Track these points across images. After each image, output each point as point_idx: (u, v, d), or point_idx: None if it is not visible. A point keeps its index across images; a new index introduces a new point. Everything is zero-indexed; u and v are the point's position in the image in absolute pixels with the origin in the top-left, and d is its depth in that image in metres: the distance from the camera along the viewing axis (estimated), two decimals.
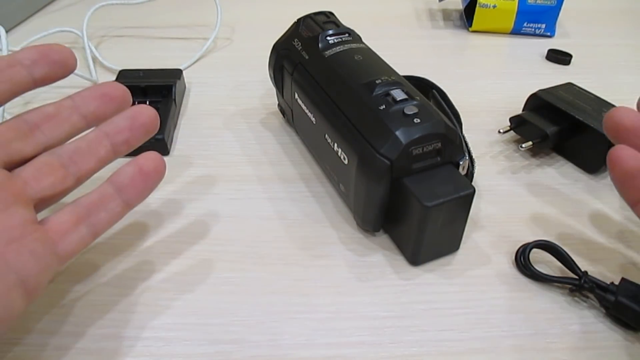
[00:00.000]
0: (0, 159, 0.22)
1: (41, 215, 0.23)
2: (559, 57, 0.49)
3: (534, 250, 0.29)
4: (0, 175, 0.21)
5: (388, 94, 0.28)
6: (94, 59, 0.48)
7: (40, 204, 0.23)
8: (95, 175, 0.25)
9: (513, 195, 0.34)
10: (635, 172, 0.23)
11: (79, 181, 0.24)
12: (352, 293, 0.28)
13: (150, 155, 0.25)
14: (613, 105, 0.36)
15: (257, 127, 0.40)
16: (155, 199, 0.33)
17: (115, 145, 0.25)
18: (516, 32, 0.54)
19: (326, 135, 0.30)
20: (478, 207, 0.33)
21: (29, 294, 0.20)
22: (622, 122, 0.24)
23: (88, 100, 0.25)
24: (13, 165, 0.23)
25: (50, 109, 0.24)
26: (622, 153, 0.23)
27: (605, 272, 0.28)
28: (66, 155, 0.23)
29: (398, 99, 0.28)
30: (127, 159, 0.25)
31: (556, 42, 0.53)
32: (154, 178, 0.25)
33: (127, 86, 0.40)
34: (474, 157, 0.34)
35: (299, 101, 0.34)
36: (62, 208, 0.23)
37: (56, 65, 0.23)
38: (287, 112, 0.38)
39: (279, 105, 0.40)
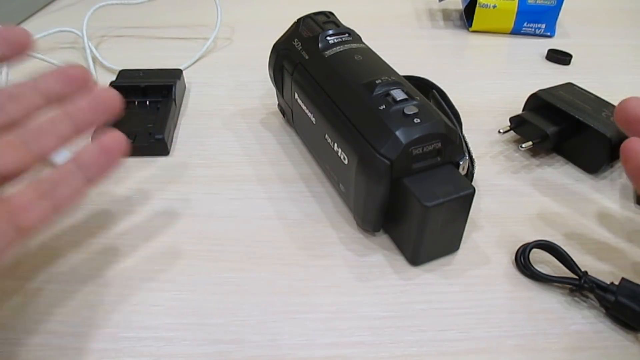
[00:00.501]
0: None
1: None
2: (559, 57, 0.49)
3: (534, 250, 0.29)
4: None
5: (388, 94, 0.28)
6: (94, 59, 0.48)
7: (1, 180, 0.23)
8: None
9: (513, 195, 0.34)
10: None
11: (40, 158, 0.24)
12: (352, 293, 0.28)
13: (112, 133, 0.25)
14: (613, 105, 0.36)
15: (257, 127, 0.40)
16: (155, 198, 0.33)
17: (77, 124, 0.25)
18: (516, 32, 0.54)
19: (326, 135, 0.30)
20: (478, 207, 0.33)
21: None
22: (635, 113, 0.24)
23: (50, 81, 0.25)
24: None
25: (13, 89, 0.24)
26: (635, 146, 0.23)
27: (605, 272, 0.28)
28: (27, 134, 0.24)
29: (398, 99, 0.28)
30: None
31: (556, 42, 0.53)
32: (115, 154, 0.25)
33: (127, 86, 0.41)
34: (474, 157, 0.34)
35: (299, 101, 0.34)
36: (25, 184, 0.23)
37: (11, 46, 0.24)
38: (287, 112, 0.38)
39: (279, 105, 0.40)
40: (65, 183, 0.24)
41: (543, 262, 0.29)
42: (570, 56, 0.49)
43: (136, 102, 0.41)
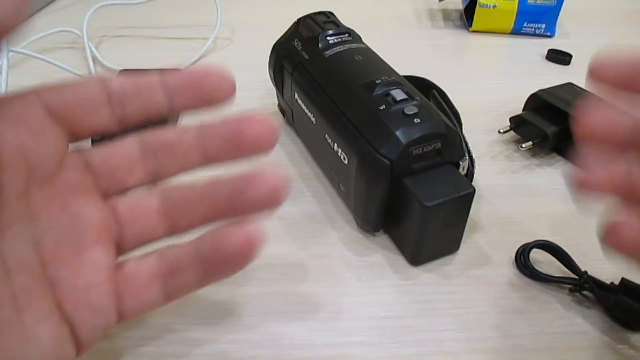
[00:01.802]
0: (103, 189, 0.20)
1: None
2: (559, 57, 0.49)
3: (534, 250, 0.29)
4: (93, 207, 0.19)
5: (388, 94, 0.28)
6: (94, 59, 0.48)
7: (122, 247, 0.20)
8: None
9: (513, 195, 0.34)
10: None
11: (170, 234, 0.21)
12: (352, 293, 0.28)
13: (250, 227, 0.20)
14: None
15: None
16: None
17: (225, 212, 0.20)
18: (516, 32, 0.54)
19: (326, 135, 0.30)
20: (478, 207, 0.33)
21: (79, 347, 0.19)
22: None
23: (218, 138, 0.20)
24: (112, 194, 0.20)
25: (172, 135, 0.20)
26: (620, 230, 0.17)
27: (605, 272, 0.28)
28: (170, 201, 0.20)
29: (398, 99, 0.28)
30: None
31: (556, 42, 0.53)
32: (241, 263, 0.20)
33: None
34: (474, 157, 0.34)
35: (299, 101, 0.34)
36: (146, 255, 0.20)
37: (204, 97, 0.20)
38: (287, 112, 0.38)
39: (279, 105, 0.40)
40: (183, 273, 0.20)
41: (543, 262, 0.29)
42: (570, 56, 0.49)
43: None
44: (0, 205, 0.17)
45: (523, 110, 0.38)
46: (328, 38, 0.33)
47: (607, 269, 0.29)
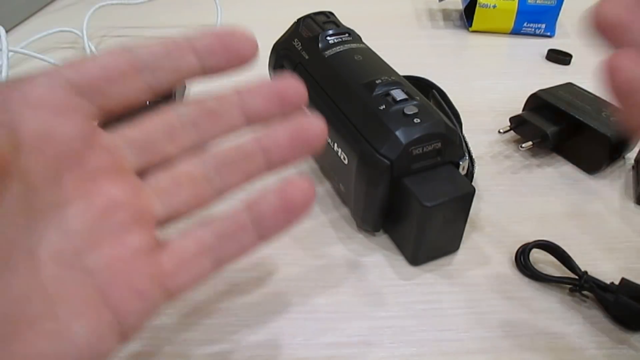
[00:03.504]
0: (138, 164, 0.19)
1: None
2: (559, 57, 0.49)
3: (534, 250, 0.29)
4: (127, 187, 0.18)
5: (388, 94, 0.28)
6: None
7: (167, 221, 0.19)
8: None
9: (513, 195, 0.34)
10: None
11: (218, 197, 0.20)
12: (352, 293, 0.28)
13: (300, 185, 0.20)
14: (613, 106, 0.36)
15: (257, 127, 0.40)
16: None
17: (270, 162, 0.20)
18: (516, 32, 0.54)
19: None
20: (478, 207, 0.33)
21: (124, 335, 0.17)
22: (612, 17, 0.16)
23: (258, 99, 0.21)
24: (149, 168, 0.19)
25: (213, 104, 0.21)
26: (619, 62, 0.16)
27: (605, 272, 0.28)
28: (212, 165, 0.20)
29: (398, 99, 0.28)
30: None
31: (556, 42, 0.53)
32: (298, 211, 0.19)
33: None
34: (474, 157, 0.34)
35: None
36: (189, 230, 0.19)
37: (233, 56, 0.21)
38: None
39: None
40: (233, 238, 0.19)
41: (543, 262, 0.29)
42: (570, 56, 0.49)
43: None
44: (29, 193, 0.16)
45: (523, 110, 0.38)
46: (328, 38, 0.33)
47: (607, 269, 0.29)
